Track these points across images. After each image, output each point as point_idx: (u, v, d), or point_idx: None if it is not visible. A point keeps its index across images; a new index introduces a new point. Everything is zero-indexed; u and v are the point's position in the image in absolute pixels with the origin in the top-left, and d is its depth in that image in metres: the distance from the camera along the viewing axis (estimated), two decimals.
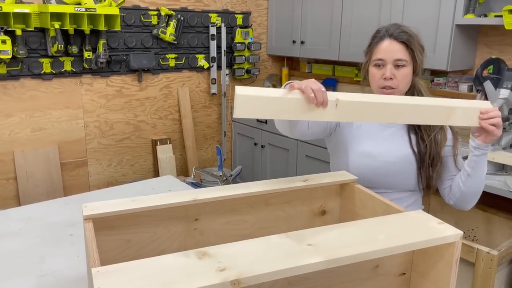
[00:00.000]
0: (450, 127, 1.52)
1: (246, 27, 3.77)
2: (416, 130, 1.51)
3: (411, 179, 1.49)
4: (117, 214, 1.06)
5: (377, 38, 1.48)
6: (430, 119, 1.27)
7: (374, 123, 1.54)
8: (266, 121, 3.55)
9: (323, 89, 1.15)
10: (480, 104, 1.32)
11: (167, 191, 1.81)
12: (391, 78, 1.44)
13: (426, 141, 1.47)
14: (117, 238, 1.10)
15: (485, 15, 2.47)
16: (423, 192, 1.58)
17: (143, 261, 0.81)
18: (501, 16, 2.34)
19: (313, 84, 1.14)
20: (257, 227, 1.25)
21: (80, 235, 1.36)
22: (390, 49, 1.44)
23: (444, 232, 0.96)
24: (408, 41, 1.44)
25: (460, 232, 0.96)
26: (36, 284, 1.22)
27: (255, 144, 3.70)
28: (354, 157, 1.50)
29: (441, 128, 1.49)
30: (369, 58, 1.51)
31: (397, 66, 1.44)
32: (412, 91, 1.52)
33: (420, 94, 1.52)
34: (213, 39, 3.63)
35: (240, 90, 1.06)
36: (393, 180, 1.49)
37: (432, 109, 1.25)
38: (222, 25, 3.65)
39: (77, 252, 1.37)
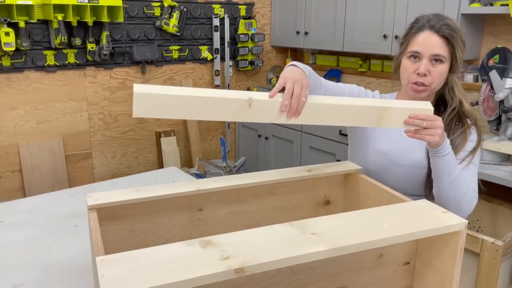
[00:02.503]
0: (477, 128, 1.38)
1: (249, 18, 3.75)
2: None
3: (419, 184, 1.40)
4: (121, 204, 1.07)
5: (415, 28, 1.34)
6: (357, 120, 1.20)
7: None
8: None
9: (304, 97, 1.10)
10: (418, 105, 1.21)
11: (171, 182, 1.82)
12: (425, 75, 1.31)
13: None
14: (121, 228, 1.11)
15: (491, 4, 2.44)
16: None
17: (147, 250, 0.81)
18: (507, 5, 2.31)
19: (297, 86, 1.09)
20: (260, 217, 1.25)
21: (85, 226, 1.37)
22: (428, 42, 1.30)
23: (448, 221, 0.96)
24: (450, 36, 1.29)
25: (465, 221, 0.96)
26: (42, 274, 1.23)
27: (259, 135, 3.69)
28: (370, 154, 1.44)
29: (463, 131, 1.36)
30: (403, 49, 1.37)
31: (433, 62, 1.31)
32: (444, 88, 1.40)
33: (452, 92, 1.39)
34: (216, 31, 3.61)
35: (138, 88, 1.00)
36: (403, 183, 1.40)
37: (359, 109, 1.16)
38: (226, 16, 3.63)
39: (81, 242, 1.37)
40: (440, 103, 1.43)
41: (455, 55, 1.31)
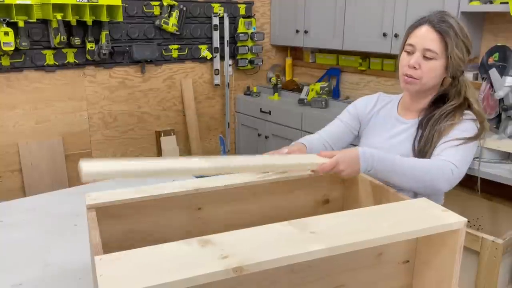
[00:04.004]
0: (481, 126, 1.35)
1: (249, 17, 3.74)
2: (422, 125, 1.39)
3: None
4: (120, 203, 1.07)
5: (417, 22, 1.37)
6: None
7: (392, 116, 1.49)
8: (270, 112, 3.54)
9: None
10: (313, 160, 1.21)
11: (171, 181, 1.81)
12: (414, 67, 1.33)
13: (424, 138, 1.36)
14: (120, 227, 1.10)
15: (491, 2, 2.44)
16: (441, 194, 1.45)
17: (145, 249, 0.81)
18: (507, 3, 2.30)
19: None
20: (260, 216, 1.25)
21: (85, 225, 1.36)
22: (424, 36, 1.32)
23: (447, 219, 0.96)
24: (445, 32, 1.30)
25: (464, 219, 0.96)
26: (41, 274, 1.22)
27: (259, 135, 3.69)
28: None
29: (454, 121, 1.34)
30: (403, 43, 1.40)
31: (425, 57, 1.32)
32: (452, 91, 1.38)
33: (458, 96, 1.38)
34: (216, 30, 3.60)
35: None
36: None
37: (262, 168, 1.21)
38: (225, 15, 3.62)
39: (81, 241, 1.37)
40: (440, 99, 1.43)
41: (449, 53, 1.31)
